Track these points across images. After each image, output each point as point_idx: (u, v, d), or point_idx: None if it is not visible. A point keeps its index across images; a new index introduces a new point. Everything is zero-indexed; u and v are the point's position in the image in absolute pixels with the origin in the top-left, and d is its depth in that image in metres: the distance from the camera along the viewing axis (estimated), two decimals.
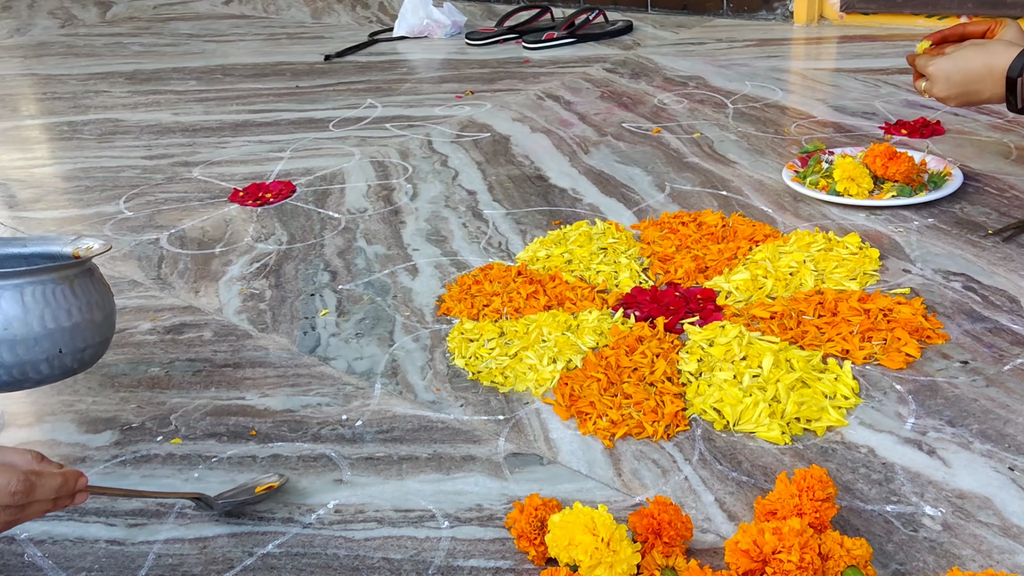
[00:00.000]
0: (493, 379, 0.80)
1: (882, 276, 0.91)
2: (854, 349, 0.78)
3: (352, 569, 0.60)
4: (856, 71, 1.63)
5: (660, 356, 0.80)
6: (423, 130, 1.53)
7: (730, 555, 0.54)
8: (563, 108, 1.59)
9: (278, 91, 1.88)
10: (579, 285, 0.93)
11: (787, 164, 1.17)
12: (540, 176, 1.27)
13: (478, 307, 0.91)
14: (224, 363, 0.87)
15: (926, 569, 0.57)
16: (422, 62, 2.09)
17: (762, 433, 0.70)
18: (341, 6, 2.83)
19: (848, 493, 0.63)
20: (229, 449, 0.74)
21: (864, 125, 1.34)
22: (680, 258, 0.97)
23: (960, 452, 0.66)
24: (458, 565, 0.60)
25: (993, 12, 1.81)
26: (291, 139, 1.54)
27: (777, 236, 1.00)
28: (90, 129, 1.71)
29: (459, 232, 1.11)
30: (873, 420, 0.71)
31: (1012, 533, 0.59)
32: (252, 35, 2.53)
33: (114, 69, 2.22)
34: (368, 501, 0.67)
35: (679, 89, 1.63)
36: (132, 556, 0.63)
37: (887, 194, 1.05)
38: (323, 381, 0.83)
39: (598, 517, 0.56)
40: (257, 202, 1.25)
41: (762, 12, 2.16)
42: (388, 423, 0.76)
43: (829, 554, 0.54)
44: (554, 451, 0.71)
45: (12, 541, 0.65)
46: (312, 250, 1.10)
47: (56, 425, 0.79)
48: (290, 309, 0.96)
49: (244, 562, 0.62)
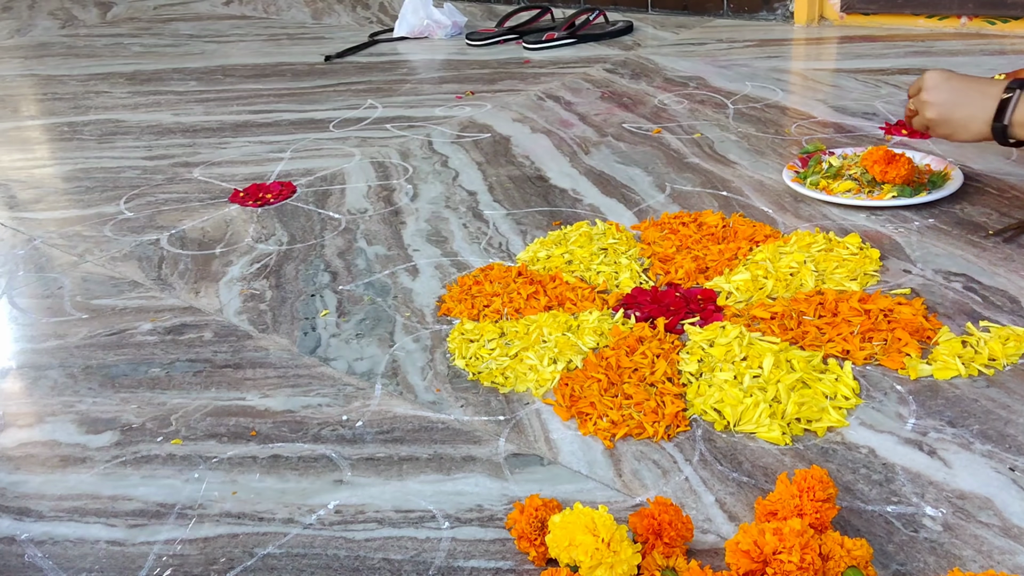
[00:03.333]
0: (493, 380, 0.80)
1: (882, 276, 0.91)
2: (854, 350, 0.78)
3: (352, 570, 0.60)
4: (856, 71, 1.63)
5: (660, 357, 0.80)
6: (423, 131, 1.53)
7: (731, 556, 0.54)
8: (563, 109, 1.59)
9: (278, 92, 1.88)
10: (579, 286, 0.93)
11: (787, 165, 1.17)
12: (540, 177, 1.27)
13: (478, 308, 0.91)
14: (224, 364, 0.87)
15: (927, 570, 0.57)
16: (422, 63, 2.09)
17: (762, 434, 0.70)
18: (341, 7, 2.83)
19: (849, 494, 0.63)
20: (229, 449, 0.74)
21: (864, 125, 1.34)
22: (680, 258, 0.97)
23: (961, 453, 0.66)
24: (458, 566, 0.60)
25: (994, 12, 1.81)
26: (291, 140, 1.54)
27: (777, 236, 1.00)
28: (90, 130, 1.71)
29: (459, 233, 1.11)
30: (874, 420, 0.71)
31: (1013, 534, 0.59)
32: (252, 36, 2.53)
33: (114, 70, 2.22)
34: (368, 502, 0.67)
35: (679, 90, 1.63)
36: (132, 557, 0.63)
37: (887, 194, 1.05)
38: (323, 382, 0.83)
39: (598, 518, 0.56)
40: (257, 203, 1.25)
41: (762, 12, 2.16)
42: (388, 424, 0.76)
43: (830, 555, 0.54)
44: (554, 452, 0.71)
45: (12, 542, 0.65)
46: (312, 251, 1.10)
47: (56, 425, 0.79)
48: (290, 310, 0.96)
49: (244, 562, 0.62)
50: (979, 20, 1.84)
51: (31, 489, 0.71)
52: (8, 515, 0.68)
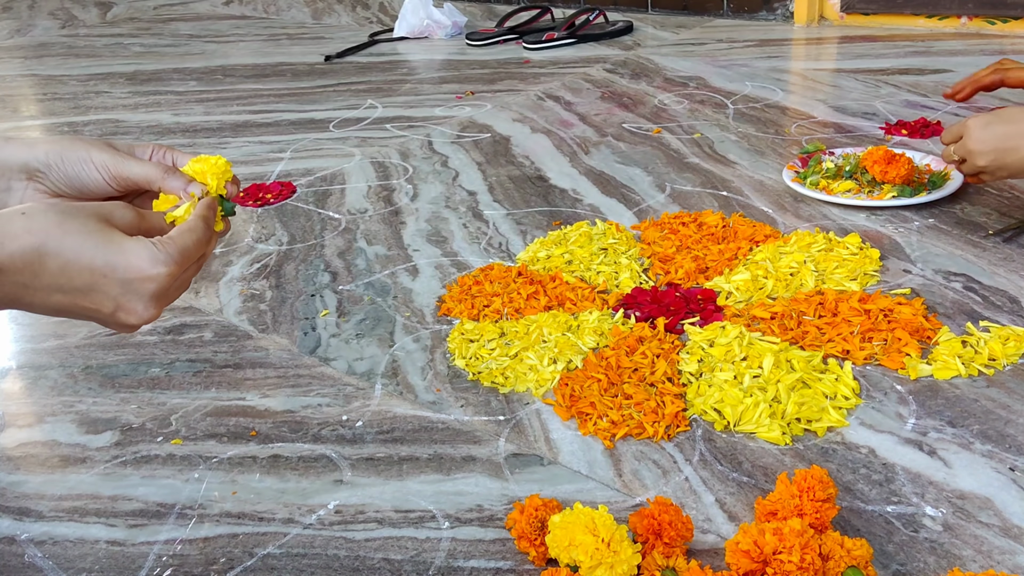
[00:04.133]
0: (493, 380, 0.80)
1: (882, 276, 0.91)
2: (854, 349, 0.78)
3: (352, 570, 0.60)
4: (856, 71, 1.63)
5: (660, 356, 0.80)
6: (423, 131, 1.53)
7: (731, 556, 0.54)
8: (563, 109, 1.59)
9: (278, 92, 1.88)
10: (579, 286, 0.93)
11: (787, 164, 1.17)
12: (540, 177, 1.27)
13: (478, 308, 0.91)
14: (224, 364, 0.87)
15: (927, 570, 0.57)
16: (422, 63, 2.09)
17: (762, 434, 0.70)
18: (341, 7, 2.83)
19: (849, 493, 0.63)
20: (229, 449, 0.74)
21: (864, 125, 1.34)
22: (680, 258, 0.97)
23: (961, 452, 0.66)
24: (458, 566, 0.60)
25: (994, 12, 1.81)
26: (291, 140, 1.54)
27: (777, 236, 1.00)
28: (91, 130, 1.71)
29: (459, 233, 1.11)
30: (874, 420, 0.71)
31: (1013, 534, 0.59)
32: (252, 36, 2.53)
33: (115, 70, 2.22)
34: (368, 502, 0.67)
35: (679, 90, 1.63)
36: (132, 557, 0.63)
37: (887, 194, 1.05)
38: (323, 382, 0.83)
39: (598, 518, 0.56)
40: (257, 203, 1.25)
41: (762, 12, 2.16)
42: (388, 424, 0.76)
43: (830, 554, 0.54)
44: (554, 452, 0.71)
45: (12, 542, 0.65)
46: (312, 251, 1.10)
47: (56, 426, 0.79)
48: (290, 310, 0.96)
49: (244, 562, 0.62)
50: (979, 20, 1.84)
51: (31, 489, 0.71)
52: (8, 515, 0.68)
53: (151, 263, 0.51)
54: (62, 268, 0.48)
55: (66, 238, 0.48)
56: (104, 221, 0.51)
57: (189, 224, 0.55)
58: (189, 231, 0.55)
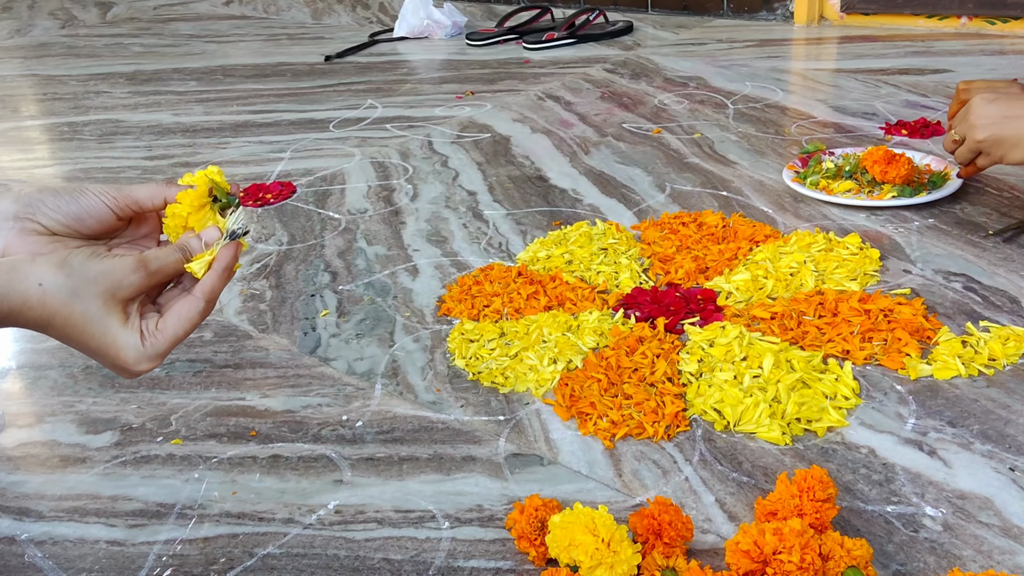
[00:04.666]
0: (493, 380, 0.80)
1: (882, 276, 0.91)
2: (854, 350, 0.78)
3: (352, 570, 0.60)
4: (856, 71, 1.63)
5: (660, 357, 0.80)
6: (423, 131, 1.53)
7: (731, 556, 0.54)
8: (563, 109, 1.59)
9: (278, 91, 1.88)
10: (579, 286, 0.93)
11: (787, 164, 1.17)
12: (540, 177, 1.27)
13: (478, 308, 0.91)
14: (224, 364, 0.87)
15: (927, 570, 0.57)
16: (422, 63, 2.09)
17: (762, 434, 0.70)
18: (341, 7, 2.83)
19: (849, 494, 0.63)
20: (229, 450, 0.74)
21: (864, 125, 1.34)
22: (680, 258, 0.97)
23: (961, 453, 0.66)
24: (458, 566, 0.60)
25: (993, 12, 1.81)
26: (291, 140, 1.54)
27: (777, 236, 1.00)
28: (91, 130, 1.71)
29: (459, 233, 1.11)
30: (874, 421, 0.71)
31: (1013, 534, 0.59)
32: (252, 36, 2.53)
33: (114, 70, 2.22)
34: (368, 502, 0.67)
35: (679, 90, 1.63)
36: (132, 557, 0.63)
37: (887, 194, 1.05)
38: (323, 382, 0.83)
39: (598, 518, 0.56)
40: (257, 202, 1.25)
41: (762, 12, 2.16)
42: (388, 424, 0.76)
43: (830, 555, 0.54)
44: (554, 452, 0.71)
45: (12, 542, 0.65)
46: (312, 251, 1.10)
47: (56, 426, 0.79)
48: (290, 310, 0.96)
49: (244, 562, 0.62)
50: (979, 20, 1.84)
51: (31, 489, 0.71)
52: (8, 515, 0.68)
53: (136, 360, 0.55)
54: (65, 338, 0.54)
55: (70, 321, 0.53)
56: (110, 298, 0.54)
57: (188, 311, 0.57)
58: (187, 319, 0.57)
